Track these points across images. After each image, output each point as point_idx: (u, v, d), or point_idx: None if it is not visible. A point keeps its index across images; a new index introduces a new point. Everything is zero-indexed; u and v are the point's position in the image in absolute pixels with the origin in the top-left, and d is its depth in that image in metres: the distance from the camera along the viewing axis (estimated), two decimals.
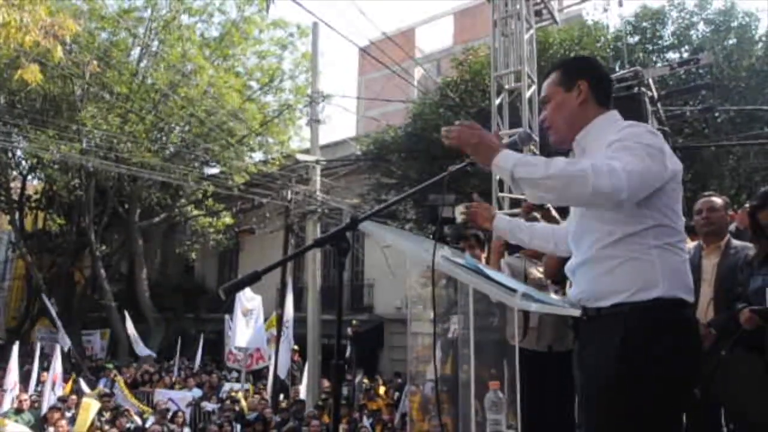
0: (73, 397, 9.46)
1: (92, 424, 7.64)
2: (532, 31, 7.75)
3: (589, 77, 1.80)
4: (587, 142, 1.76)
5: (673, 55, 10.87)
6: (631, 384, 1.54)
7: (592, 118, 1.78)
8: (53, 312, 13.08)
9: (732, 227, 3.49)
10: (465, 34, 19.77)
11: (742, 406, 2.86)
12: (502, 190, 7.39)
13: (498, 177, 7.36)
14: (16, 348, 9.71)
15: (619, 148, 1.58)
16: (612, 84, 1.95)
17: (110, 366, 13.17)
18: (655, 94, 7.19)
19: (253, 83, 17.32)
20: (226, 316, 12.08)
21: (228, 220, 17.12)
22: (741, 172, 10.24)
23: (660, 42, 11.10)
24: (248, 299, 10.71)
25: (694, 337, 1.66)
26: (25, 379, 10.17)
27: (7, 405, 8.86)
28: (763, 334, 2.69)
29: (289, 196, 12.46)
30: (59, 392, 9.68)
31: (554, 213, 3.78)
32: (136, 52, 15.94)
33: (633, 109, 5.95)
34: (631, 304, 1.59)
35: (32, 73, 6.70)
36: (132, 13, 15.61)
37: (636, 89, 6.43)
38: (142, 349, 13.86)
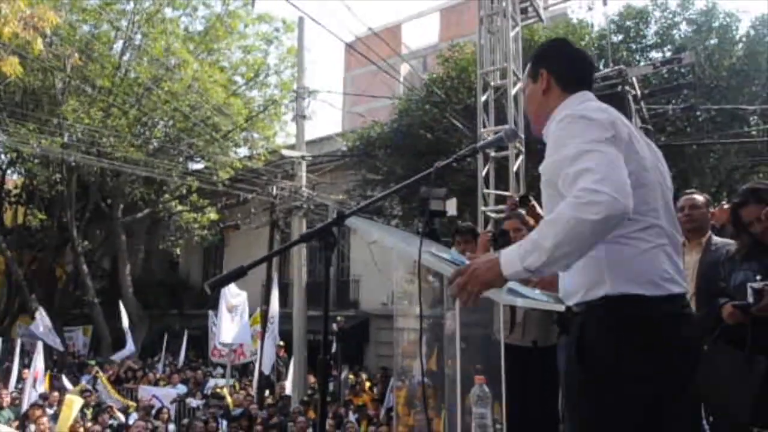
0: (55, 394, 9.35)
1: (75, 421, 7.56)
2: (517, 29, 7.80)
3: (549, 64, 1.76)
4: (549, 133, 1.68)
5: (656, 54, 11.00)
6: (589, 381, 1.53)
7: (555, 106, 1.72)
8: (44, 314, 12.78)
9: None
10: (451, 31, 19.79)
11: (723, 400, 2.91)
12: (487, 187, 7.43)
13: (484, 173, 7.40)
14: None
15: (571, 159, 1.46)
16: (583, 64, 1.82)
17: (92, 363, 13.01)
18: (639, 93, 7.29)
19: (238, 78, 17.19)
20: (210, 312, 12.01)
21: (213, 215, 16.99)
22: (721, 169, 10.41)
23: (643, 41, 11.22)
24: (233, 295, 10.66)
25: (655, 332, 1.52)
26: (5, 376, 10.03)
27: None
28: (744, 329, 2.74)
29: (274, 192, 12.41)
30: (40, 389, 9.56)
31: (539, 210, 3.82)
32: (118, 46, 15.73)
33: (617, 107, 6.02)
34: (585, 304, 1.58)
35: (12, 66, 6.62)
36: (114, 6, 15.36)
37: (620, 87, 6.50)
38: (121, 352, 13.19)
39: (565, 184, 1.47)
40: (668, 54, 10.54)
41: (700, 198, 3.27)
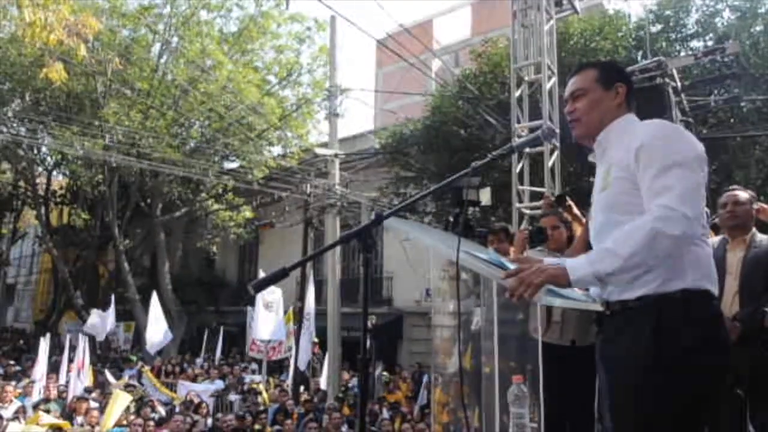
0: (98, 389, 9.66)
1: (122, 416, 7.79)
2: (552, 22, 7.66)
3: (626, 83, 1.89)
4: (608, 142, 1.84)
5: (697, 44, 10.64)
6: (664, 374, 1.56)
7: (617, 119, 1.86)
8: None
9: None
10: (484, 25, 19.59)
11: None
12: (522, 183, 7.34)
13: (518, 169, 7.32)
14: (44, 340, 9.95)
15: (658, 173, 1.60)
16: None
17: (134, 358, 13.39)
18: (679, 85, 7.07)
19: (271, 78, 17.41)
20: (249, 308, 12.20)
21: (248, 213, 17.27)
22: (767, 162, 10.02)
23: (684, 30, 10.87)
24: (269, 292, 10.78)
25: (722, 328, 1.69)
26: (53, 370, 10.43)
27: (36, 395, 9.11)
28: None
29: (308, 190, 12.54)
30: (85, 381, 9.90)
31: (576, 210, 3.77)
32: (156, 49, 16.12)
33: (656, 100, 5.87)
34: (658, 296, 1.62)
35: (57, 72, 6.84)
36: (152, 10, 15.76)
37: (659, 80, 6.32)
38: (154, 345, 12.38)
39: (649, 191, 1.62)
40: (710, 43, 10.18)
41: (743, 194, 3.17)
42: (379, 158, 14.15)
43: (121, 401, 7.74)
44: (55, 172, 19.64)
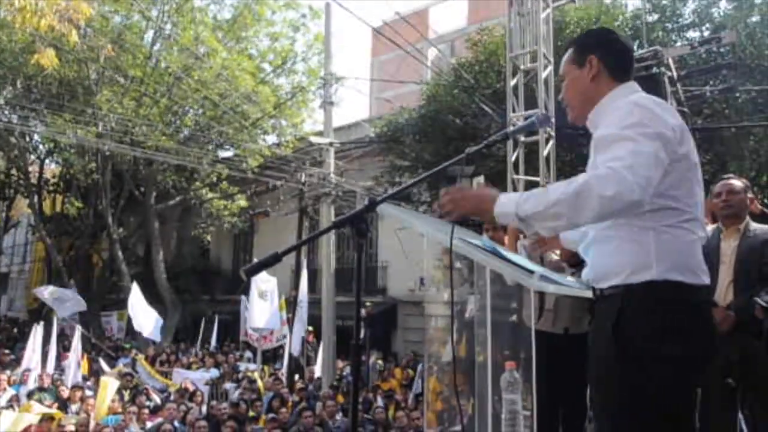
0: (93, 378, 9.68)
1: (113, 401, 7.80)
2: (548, 10, 7.62)
3: (600, 51, 1.76)
4: (599, 120, 1.73)
5: (693, 34, 10.62)
6: (625, 364, 1.54)
7: (604, 94, 1.75)
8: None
9: None
10: (480, 14, 19.47)
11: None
12: (517, 173, 7.34)
13: (513, 158, 7.32)
14: (38, 328, 9.93)
15: (614, 140, 1.52)
16: (630, 54, 1.86)
17: (128, 346, 13.37)
18: (675, 74, 7.06)
19: (265, 65, 17.27)
20: (243, 297, 12.19)
21: (242, 202, 17.22)
22: (762, 153, 10.04)
23: (680, 20, 10.84)
24: (263, 281, 10.81)
25: (691, 318, 1.57)
26: (46, 358, 10.42)
27: (30, 383, 9.11)
28: None
29: (303, 179, 12.49)
30: (79, 371, 9.90)
31: None
32: (149, 36, 15.96)
33: (652, 90, 5.86)
34: (624, 287, 1.59)
35: (48, 58, 6.76)
36: None
37: (655, 69, 6.31)
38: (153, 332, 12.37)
39: (596, 162, 1.54)
40: (706, 33, 10.16)
41: (737, 183, 3.18)
42: (374, 147, 14.10)
43: (108, 388, 7.74)
44: (47, 160, 19.51)
